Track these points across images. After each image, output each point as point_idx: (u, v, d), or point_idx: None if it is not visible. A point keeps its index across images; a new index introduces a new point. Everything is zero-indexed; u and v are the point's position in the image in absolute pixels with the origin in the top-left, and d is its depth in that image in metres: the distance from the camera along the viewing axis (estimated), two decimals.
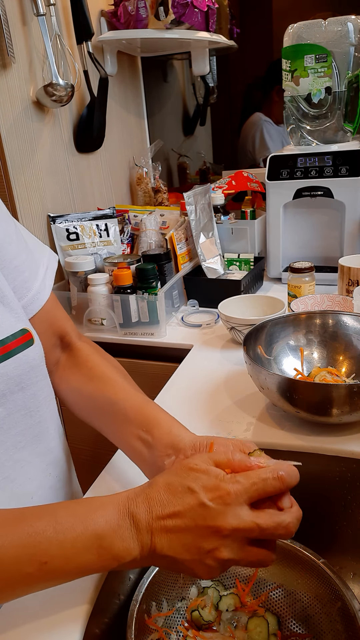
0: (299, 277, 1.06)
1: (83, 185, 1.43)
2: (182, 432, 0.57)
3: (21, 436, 0.60)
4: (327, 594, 0.56)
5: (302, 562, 0.58)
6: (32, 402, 0.61)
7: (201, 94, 1.90)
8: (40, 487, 0.63)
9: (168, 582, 0.60)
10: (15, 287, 0.62)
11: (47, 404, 0.65)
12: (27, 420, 0.60)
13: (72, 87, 1.24)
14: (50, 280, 0.69)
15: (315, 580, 0.57)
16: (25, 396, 0.59)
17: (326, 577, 0.55)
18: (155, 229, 1.36)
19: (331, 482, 0.69)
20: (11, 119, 1.15)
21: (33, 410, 0.61)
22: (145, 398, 0.64)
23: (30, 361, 0.59)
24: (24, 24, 1.17)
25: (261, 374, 0.71)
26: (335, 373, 0.78)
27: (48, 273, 0.69)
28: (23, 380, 0.58)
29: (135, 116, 1.70)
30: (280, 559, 0.61)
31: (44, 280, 0.67)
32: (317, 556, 0.57)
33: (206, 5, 1.37)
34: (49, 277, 0.69)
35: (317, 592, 0.57)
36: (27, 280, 0.64)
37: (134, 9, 1.32)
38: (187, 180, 1.98)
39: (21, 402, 0.59)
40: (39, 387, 0.62)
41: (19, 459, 0.59)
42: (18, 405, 0.59)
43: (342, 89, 1.18)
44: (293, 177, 1.26)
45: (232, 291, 1.16)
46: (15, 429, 0.59)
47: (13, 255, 0.62)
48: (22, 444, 0.60)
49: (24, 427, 0.60)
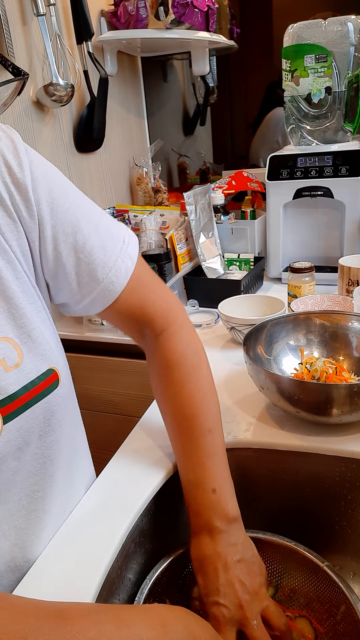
0: (299, 277, 1.06)
1: (83, 185, 1.43)
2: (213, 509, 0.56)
3: (38, 485, 0.55)
4: (331, 596, 0.56)
5: (306, 564, 0.58)
6: (54, 449, 0.56)
7: (201, 94, 1.90)
8: (52, 531, 0.59)
9: (171, 582, 0.60)
10: (81, 282, 0.57)
11: (74, 444, 0.62)
12: (47, 467, 0.56)
13: (72, 87, 1.24)
14: (128, 264, 0.59)
15: (319, 583, 0.57)
16: (44, 444, 0.55)
17: (330, 579, 0.55)
18: (155, 229, 1.36)
19: (331, 482, 0.69)
20: (11, 119, 1.15)
21: (54, 458, 0.57)
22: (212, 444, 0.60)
23: (53, 406, 0.54)
24: (24, 24, 1.17)
25: (261, 374, 0.71)
26: (334, 364, 0.77)
27: (125, 255, 0.60)
28: (43, 428, 0.54)
29: (135, 116, 1.70)
30: (283, 560, 0.61)
31: (116, 265, 0.58)
32: (321, 559, 0.57)
33: (206, 5, 1.37)
34: (126, 261, 0.59)
35: (321, 594, 0.57)
36: (96, 269, 0.57)
37: (134, 9, 1.32)
38: (187, 180, 1.98)
39: (40, 451, 0.54)
40: (61, 431, 0.57)
41: (34, 509, 0.55)
42: (36, 454, 0.54)
43: (342, 89, 1.18)
44: (293, 177, 1.25)
45: (232, 291, 1.16)
46: (33, 479, 0.55)
47: (80, 243, 0.56)
48: (39, 494, 0.56)
49: (44, 476, 0.56)
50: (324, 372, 0.75)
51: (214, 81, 1.84)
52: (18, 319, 0.51)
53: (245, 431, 0.74)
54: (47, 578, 0.53)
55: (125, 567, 0.58)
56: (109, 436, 1.18)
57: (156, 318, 0.63)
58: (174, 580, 0.60)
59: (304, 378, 0.76)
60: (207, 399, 0.62)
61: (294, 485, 0.72)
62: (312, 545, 0.59)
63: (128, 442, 0.74)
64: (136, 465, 0.68)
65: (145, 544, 0.63)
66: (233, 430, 0.74)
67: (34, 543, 0.56)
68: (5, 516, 0.53)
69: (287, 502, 0.73)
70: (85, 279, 0.57)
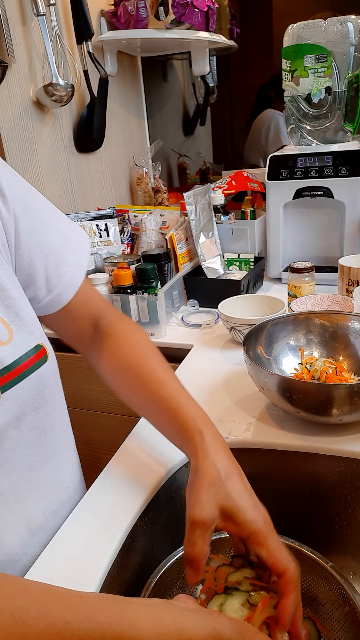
0: (299, 277, 1.06)
1: (83, 185, 1.43)
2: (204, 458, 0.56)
3: (35, 456, 0.58)
4: (334, 597, 0.55)
5: (309, 564, 0.58)
6: (47, 420, 0.59)
7: (201, 94, 1.91)
8: (55, 502, 0.62)
9: (175, 583, 0.60)
10: (49, 275, 0.60)
11: (62, 418, 0.64)
12: (41, 439, 0.59)
13: (72, 87, 1.24)
14: (84, 261, 0.65)
15: (322, 584, 0.57)
16: (38, 415, 0.58)
17: (334, 580, 0.55)
18: (155, 229, 1.36)
19: (331, 482, 0.69)
20: (11, 119, 1.15)
21: (48, 429, 0.59)
22: (179, 395, 0.63)
23: (44, 379, 0.57)
24: (24, 24, 1.17)
25: (261, 374, 0.71)
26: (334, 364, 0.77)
27: (82, 254, 0.65)
28: (37, 400, 0.57)
29: (135, 116, 1.70)
30: None
31: (77, 261, 0.63)
32: (325, 559, 0.57)
33: (206, 5, 1.37)
34: (83, 258, 0.65)
35: (324, 595, 0.57)
36: (60, 264, 0.61)
37: (134, 9, 1.32)
38: (187, 180, 1.98)
39: (34, 422, 0.57)
40: (53, 404, 0.60)
41: (33, 478, 0.58)
42: (31, 426, 0.57)
43: (342, 89, 1.18)
44: (293, 177, 1.26)
45: (232, 291, 1.16)
46: (30, 449, 0.57)
47: (45, 240, 0.59)
48: (37, 464, 0.58)
49: (39, 447, 0.59)
50: (324, 372, 0.76)
51: (214, 81, 1.84)
52: (5, 300, 0.54)
53: (245, 431, 0.74)
54: (47, 578, 0.53)
55: (125, 568, 0.58)
56: (108, 436, 1.18)
57: (107, 308, 0.69)
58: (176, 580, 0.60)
59: (304, 378, 0.76)
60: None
61: (294, 485, 0.72)
62: (312, 545, 0.59)
63: (128, 442, 0.74)
64: (136, 465, 0.68)
65: (145, 544, 0.63)
66: (233, 430, 0.74)
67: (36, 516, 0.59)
68: (9, 487, 0.55)
69: (287, 502, 0.73)
70: (53, 274, 0.60)
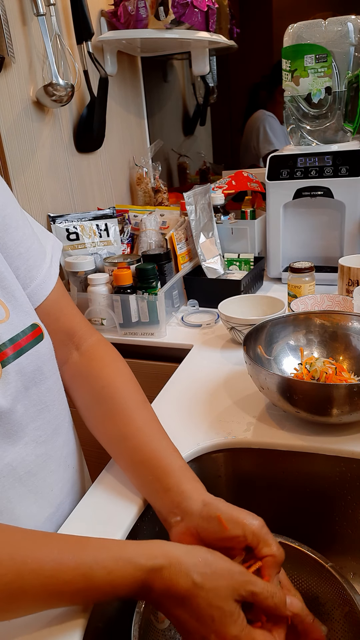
0: (299, 277, 1.06)
1: (83, 185, 1.43)
2: (191, 490, 0.56)
3: (41, 430, 0.60)
4: (334, 597, 0.55)
5: (309, 564, 0.58)
6: (48, 396, 0.61)
7: (201, 94, 1.91)
8: (60, 480, 0.64)
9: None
10: (19, 275, 0.60)
11: (61, 396, 0.66)
12: (45, 414, 0.61)
13: (72, 87, 1.24)
14: (55, 269, 0.66)
15: (322, 584, 0.57)
16: (40, 391, 0.60)
17: (334, 580, 0.55)
18: (155, 229, 1.36)
19: (331, 482, 0.69)
20: (11, 119, 1.15)
21: (50, 404, 0.62)
22: (156, 432, 0.63)
23: (42, 356, 0.59)
24: (24, 24, 1.17)
25: (261, 374, 0.71)
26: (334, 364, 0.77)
27: (54, 261, 0.66)
28: (37, 376, 0.59)
29: (135, 116, 1.70)
30: (286, 560, 0.60)
31: (50, 268, 0.65)
32: (325, 559, 0.57)
33: (206, 5, 1.37)
34: (55, 266, 0.66)
35: (324, 595, 0.57)
36: (32, 268, 0.62)
37: (134, 9, 1.32)
38: (187, 180, 1.98)
39: (37, 397, 0.60)
40: (52, 380, 0.62)
41: (40, 453, 0.60)
42: (34, 400, 0.59)
43: (342, 89, 1.18)
44: (293, 177, 1.26)
45: (232, 291, 1.16)
46: (35, 424, 0.59)
47: (18, 240, 0.60)
48: (42, 438, 0.60)
49: (43, 422, 0.61)
50: (324, 372, 0.76)
51: (214, 81, 1.84)
52: (1, 282, 0.56)
53: (245, 431, 0.74)
54: None
55: None
56: None
57: (84, 326, 0.70)
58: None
59: (303, 378, 0.76)
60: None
61: (294, 485, 0.72)
62: (312, 545, 0.59)
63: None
64: None
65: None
66: (233, 430, 0.74)
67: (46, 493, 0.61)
68: (18, 459, 0.57)
69: (287, 502, 0.73)
70: (23, 274, 0.62)
